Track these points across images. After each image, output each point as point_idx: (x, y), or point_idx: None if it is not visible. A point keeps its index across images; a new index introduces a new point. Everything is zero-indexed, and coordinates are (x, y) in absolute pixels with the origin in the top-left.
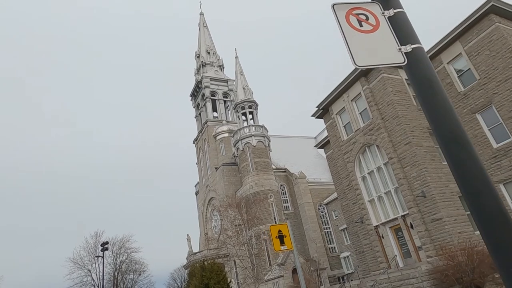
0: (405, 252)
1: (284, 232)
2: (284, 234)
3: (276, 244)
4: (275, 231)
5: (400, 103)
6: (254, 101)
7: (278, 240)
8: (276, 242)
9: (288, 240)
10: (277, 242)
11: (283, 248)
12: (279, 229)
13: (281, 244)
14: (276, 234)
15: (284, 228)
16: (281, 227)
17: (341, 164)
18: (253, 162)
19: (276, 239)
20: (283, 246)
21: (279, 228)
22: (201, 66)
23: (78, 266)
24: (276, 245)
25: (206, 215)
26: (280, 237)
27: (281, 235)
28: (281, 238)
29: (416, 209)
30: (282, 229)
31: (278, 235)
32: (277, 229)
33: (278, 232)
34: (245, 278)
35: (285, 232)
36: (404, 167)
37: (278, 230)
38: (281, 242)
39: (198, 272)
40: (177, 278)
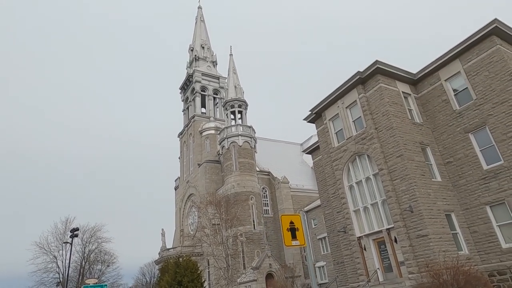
0: (386, 266)
1: (296, 225)
2: (296, 227)
3: (287, 238)
4: (286, 222)
5: (396, 115)
6: (244, 100)
7: (290, 233)
8: (287, 236)
9: (301, 234)
10: (288, 235)
11: (295, 243)
12: (291, 220)
13: (293, 239)
14: (287, 226)
15: (297, 219)
16: (294, 218)
17: (329, 171)
18: (237, 162)
19: (287, 231)
20: (295, 241)
21: (291, 219)
22: (194, 60)
23: (44, 251)
24: (287, 239)
25: (184, 211)
26: (291, 230)
27: (293, 228)
28: (292, 231)
29: (402, 223)
30: (294, 221)
31: (290, 228)
32: (289, 220)
33: (290, 223)
34: (219, 279)
35: (297, 225)
36: (393, 179)
37: (290, 221)
38: (293, 236)
39: (171, 268)
40: (146, 273)
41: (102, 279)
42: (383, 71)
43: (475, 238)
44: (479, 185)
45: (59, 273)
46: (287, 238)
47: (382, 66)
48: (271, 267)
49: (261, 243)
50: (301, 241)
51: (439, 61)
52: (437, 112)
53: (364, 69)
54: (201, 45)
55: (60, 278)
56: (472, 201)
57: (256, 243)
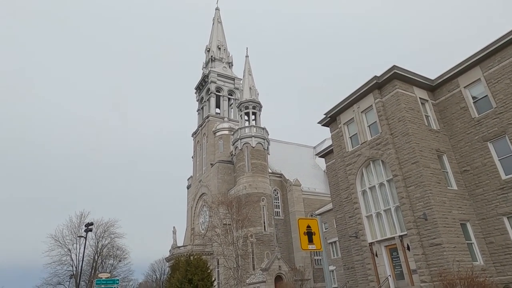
0: (398, 273)
1: (313, 229)
2: (313, 231)
3: (303, 242)
4: (303, 226)
5: (412, 121)
6: (258, 102)
7: (306, 237)
8: (303, 239)
9: (318, 239)
10: (305, 239)
11: (311, 247)
12: (308, 224)
13: (310, 243)
14: (304, 229)
15: (314, 224)
16: (311, 222)
17: (342, 176)
18: (250, 163)
19: (304, 235)
20: (312, 245)
21: (308, 223)
22: (210, 60)
23: (59, 244)
24: (304, 243)
25: (195, 210)
26: (308, 234)
27: (310, 232)
28: (309, 235)
29: (416, 231)
30: (311, 225)
31: (307, 231)
32: (306, 224)
33: (306, 227)
34: (228, 278)
35: (314, 229)
36: (408, 186)
37: (307, 226)
38: (310, 240)
39: (182, 266)
40: (156, 270)
41: (113, 274)
42: (400, 76)
43: (490, 249)
44: (497, 195)
45: (73, 266)
46: (304, 242)
47: (400, 71)
48: (280, 269)
49: (271, 245)
50: (317, 245)
51: (458, 67)
52: (455, 119)
53: (381, 74)
54: (218, 46)
55: (73, 271)
56: (489, 211)
57: (266, 244)
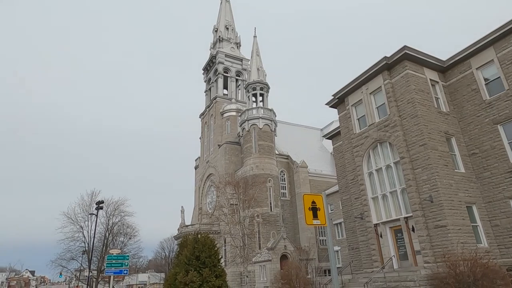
0: (402, 254)
1: (318, 205)
2: (318, 207)
3: (308, 217)
4: (308, 201)
5: (421, 103)
6: (266, 83)
7: (311, 212)
8: (308, 215)
9: (322, 214)
10: (310, 214)
11: (315, 222)
12: (313, 200)
13: (314, 218)
14: (309, 205)
15: (319, 199)
16: (316, 198)
17: (348, 157)
18: (257, 144)
19: (308, 210)
20: (316, 220)
21: (314, 199)
22: (218, 41)
23: (71, 221)
24: (309, 218)
25: (203, 190)
26: (313, 209)
27: (315, 207)
28: (314, 211)
29: (421, 213)
30: (316, 201)
31: (312, 207)
32: (311, 199)
33: (311, 203)
34: (234, 256)
35: (319, 205)
36: (415, 168)
37: (312, 201)
38: (314, 215)
39: (190, 244)
40: (165, 248)
41: (124, 251)
42: (411, 57)
43: (496, 232)
44: (505, 178)
45: (85, 242)
46: (309, 217)
47: (410, 52)
48: (286, 249)
49: (277, 225)
50: (322, 221)
51: (471, 48)
52: (466, 101)
53: (391, 55)
54: (225, 26)
55: (85, 247)
56: (496, 194)
57: (272, 224)
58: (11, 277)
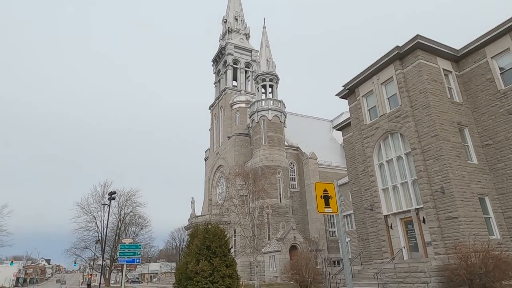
0: (412, 245)
1: (330, 193)
2: (330, 195)
3: (320, 205)
4: (320, 189)
5: (434, 93)
6: (275, 74)
7: (323, 200)
8: (320, 203)
9: (334, 202)
10: (322, 202)
11: (327, 210)
12: (325, 188)
13: (326, 206)
14: (321, 193)
15: (330, 188)
16: (328, 187)
17: (359, 149)
18: (266, 135)
19: (320, 199)
20: (328, 209)
21: (325, 187)
22: (227, 32)
23: (85, 211)
24: (320, 206)
25: (213, 181)
26: (325, 198)
27: (327, 196)
28: (326, 199)
29: (432, 204)
30: (328, 189)
31: (323, 195)
32: (323, 187)
33: (323, 191)
34: (244, 247)
35: (331, 193)
36: (426, 159)
37: (324, 189)
38: (326, 203)
39: (201, 234)
40: (176, 238)
41: (136, 241)
42: (423, 47)
43: (509, 224)
44: None
45: (98, 232)
46: (320, 205)
47: (423, 41)
48: (295, 240)
49: (287, 216)
50: (334, 209)
51: (486, 36)
52: (480, 91)
53: (403, 44)
54: (235, 17)
55: (99, 236)
56: (510, 186)
57: (282, 215)
58: (27, 265)
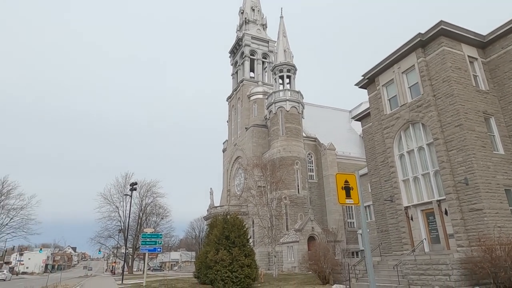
0: (433, 237)
1: (351, 184)
2: (351, 186)
3: (341, 196)
4: (341, 180)
5: (458, 81)
6: (293, 65)
7: (344, 191)
8: (341, 194)
9: (356, 193)
10: (343, 193)
11: (348, 201)
12: (346, 179)
13: (347, 197)
14: (342, 184)
15: (352, 179)
16: (349, 178)
17: (378, 139)
18: (284, 126)
19: (341, 190)
20: (349, 200)
21: (346, 178)
22: (244, 23)
23: (108, 201)
24: (341, 197)
25: (231, 172)
26: (346, 189)
27: (348, 187)
28: (347, 190)
29: (455, 196)
30: (349, 180)
31: (344, 186)
32: (344, 178)
33: (344, 182)
34: (262, 237)
35: (352, 184)
36: (449, 150)
37: (345, 180)
38: (347, 194)
39: (220, 224)
40: (195, 228)
41: (157, 230)
42: (447, 33)
43: None
44: None
45: (121, 221)
46: (341, 196)
47: (447, 27)
48: (313, 230)
49: (305, 207)
50: (355, 200)
51: None
52: (507, 79)
53: (425, 31)
54: (251, 8)
55: (121, 226)
56: None
57: (300, 206)
58: (55, 253)
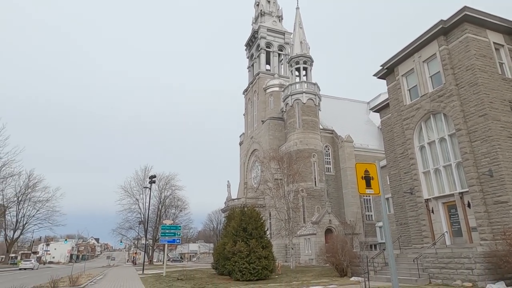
0: (455, 230)
1: (372, 174)
2: (371, 176)
3: (361, 186)
4: (361, 170)
5: (482, 69)
6: (310, 56)
7: (364, 181)
8: (361, 184)
9: (376, 183)
10: (363, 183)
11: (369, 191)
12: (366, 169)
13: (367, 187)
14: (362, 174)
15: (372, 168)
16: (369, 167)
17: (398, 131)
18: (300, 119)
19: (361, 179)
20: (369, 190)
21: (367, 168)
22: (260, 15)
23: (128, 194)
24: (361, 187)
25: (248, 165)
26: (366, 178)
27: (368, 176)
28: (367, 180)
29: (478, 188)
30: (369, 169)
31: (364, 176)
32: (364, 168)
33: (364, 172)
34: (280, 229)
35: (373, 174)
36: (472, 141)
37: (365, 170)
38: (367, 184)
39: (237, 216)
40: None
41: (175, 222)
42: (471, 19)
43: None
44: None
45: (141, 213)
46: (361, 186)
47: (471, 13)
48: (330, 223)
49: (322, 200)
50: (375, 190)
51: None
52: None
53: (448, 18)
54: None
55: (141, 218)
56: None
57: (317, 199)
58: (79, 243)
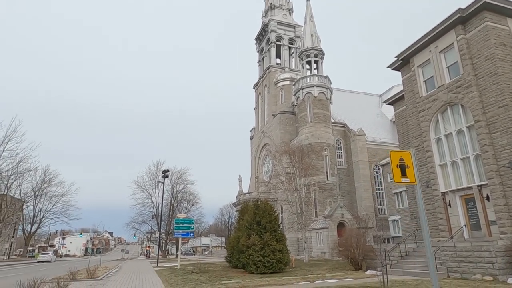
0: (473, 224)
1: (407, 162)
2: (407, 164)
3: (396, 174)
4: (396, 158)
5: (503, 59)
6: (321, 49)
7: (399, 170)
8: (396, 172)
9: (411, 172)
10: (398, 172)
11: (404, 180)
12: (401, 157)
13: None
14: (397, 162)
15: (407, 156)
16: (404, 155)
17: (413, 123)
18: (312, 113)
19: (396, 168)
20: (405, 178)
21: (401, 156)
22: (270, 8)
23: (141, 189)
24: (397, 176)
25: (259, 159)
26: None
27: (403, 165)
28: (402, 168)
29: (498, 181)
30: (405, 158)
31: (400, 164)
32: (399, 156)
33: (399, 160)
34: (292, 223)
35: (408, 162)
36: (492, 132)
37: (400, 158)
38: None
39: (251, 210)
40: (225, 214)
41: (188, 216)
42: (491, 7)
43: None
44: None
45: (154, 208)
46: (397, 175)
47: (491, 1)
48: (343, 217)
49: (334, 193)
50: (411, 179)
51: None
52: None
53: (466, 6)
54: None
55: (154, 212)
56: None
57: (329, 193)
58: (94, 237)
